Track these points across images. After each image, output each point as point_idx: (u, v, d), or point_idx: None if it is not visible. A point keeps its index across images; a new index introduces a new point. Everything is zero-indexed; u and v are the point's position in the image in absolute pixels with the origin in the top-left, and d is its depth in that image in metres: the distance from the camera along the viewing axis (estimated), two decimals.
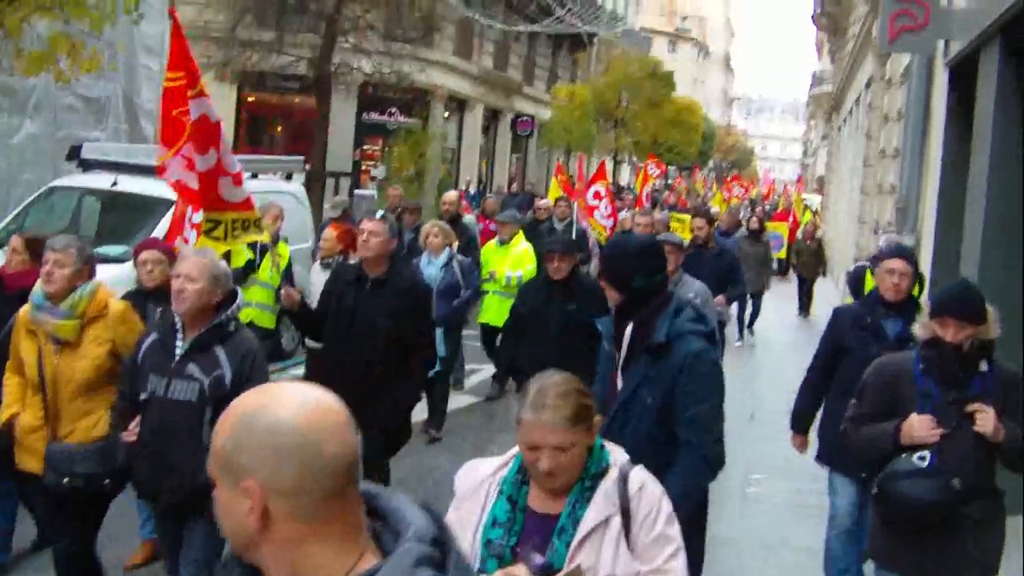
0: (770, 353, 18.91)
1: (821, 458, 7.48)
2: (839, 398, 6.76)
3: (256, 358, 5.75)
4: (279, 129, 35.89)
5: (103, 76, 15.80)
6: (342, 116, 29.66)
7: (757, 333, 20.15)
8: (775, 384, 15.11)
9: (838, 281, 26.64)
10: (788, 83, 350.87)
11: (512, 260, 13.12)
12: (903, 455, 5.26)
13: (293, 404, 2.09)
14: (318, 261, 11.60)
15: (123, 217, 13.10)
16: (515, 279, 12.65)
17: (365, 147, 35.23)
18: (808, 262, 24.06)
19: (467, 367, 14.06)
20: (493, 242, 13.80)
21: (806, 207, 37.77)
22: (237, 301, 5.85)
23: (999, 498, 5.40)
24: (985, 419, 5.11)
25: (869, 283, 10.64)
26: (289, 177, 16.03)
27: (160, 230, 11.97)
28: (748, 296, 18.45)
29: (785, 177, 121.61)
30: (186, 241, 8.11)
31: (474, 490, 3.82)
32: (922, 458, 5.20)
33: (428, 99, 34.98)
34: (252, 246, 10.87)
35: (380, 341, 7.38)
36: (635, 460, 4.59)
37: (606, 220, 17.58)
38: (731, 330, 18.12)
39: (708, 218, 13.33)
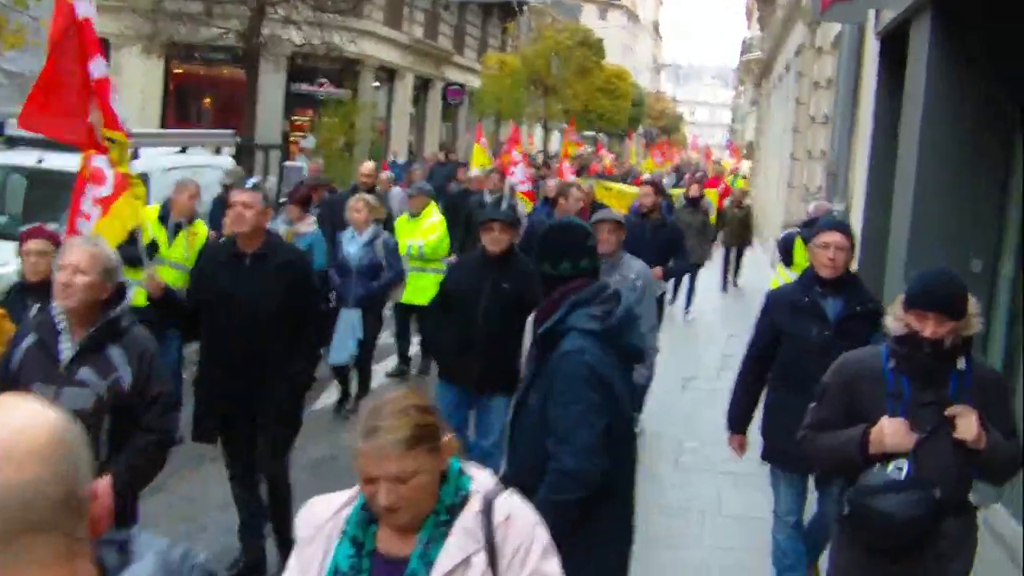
0: (701, 322, 18.89)
1: (767, 457, 6.90)
2: (780, 389, 6.63)
3: (155, 356, 5.25)
4: (207, 102, 35.49)
5: (27, 50, 15.51)
6: (271, 87, 29.41)
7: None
8: (707, 352, 15.27)
9: (767, 245, 26.90)
10: (717, 50, 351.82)
11: (421, 233, 12.63)
12: (876, 466, 4.65)
13: None
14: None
15: (50, 195, 12.88)
16: (415, 248, 12.29)
17: (295, 118, 34.99)
18: (735, 230, 22.72)
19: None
20: (404, 215, 13.31)
21: (738, 174, 37.88)
22: (128, 295, 5.32)
23: (974, 515, 4.97)
24: (967, 424, 4.55)
25: (799, 249, 10.79)
26: (219, 151, 15.86)
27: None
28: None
29: (714, 143, 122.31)
30: (87, 218, 6.95)
31: (315, 533, 3.20)
32: (899, 468, 4.60)
33: (358, 69, 34.75)
34: (164, 223, 10.35)
35: (267, 322, 6.77)
36: (524, 470, 4.59)
37: (521, 186, 16.94)
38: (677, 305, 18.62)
39: (656, 186, 12.70)
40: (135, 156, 12.74)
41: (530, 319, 4.91)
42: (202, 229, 10.66)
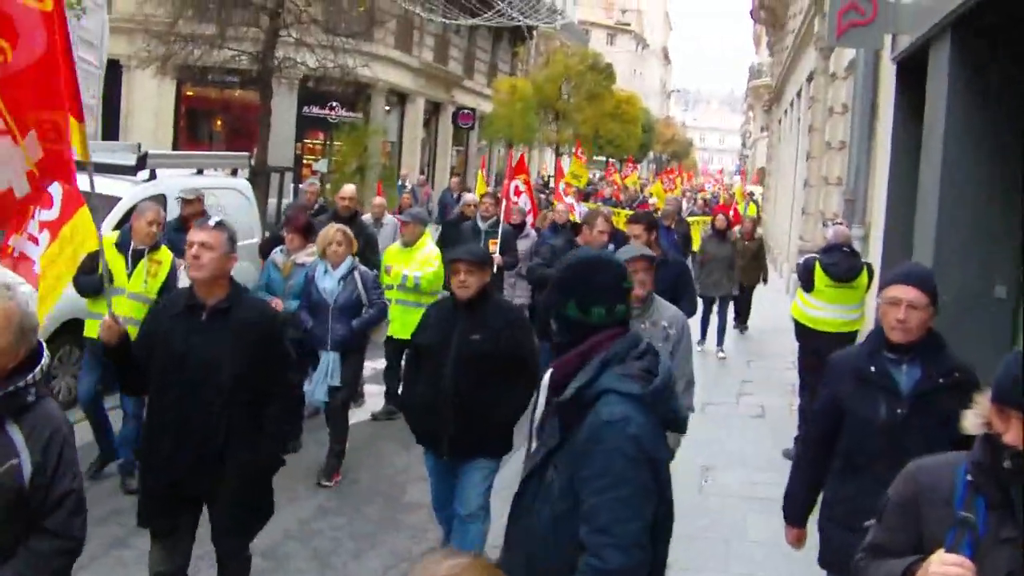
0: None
1: (824, 564, 5.71)
2: (842, 478, 5.43)
3: (66, 440, 4.09)
4: (219, 123, 35.58)
5: None
6: (283, 110, 29.45)
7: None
8: (724, 377, 15.21)
9: (781, 270, 26.84)
10: (726, 75, 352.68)
11: (417, 265, 11.56)
12: None
13: None
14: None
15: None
16: (412, 279, 11.35)
17: (306, 141, 35.04)
18: (747, 266, 18.97)
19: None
20: (396, 244, 12.21)
21: (751, 199, 37.30)
22: (41, 362, 4.12)
23: None
24: None
25: (819, 274, 10.74)
26: (235, 172, 15.86)
27: (106, 227, 11.83)
28: (715, 300, 17.37)
29: (723, 168, 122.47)
30: (35, 242, 5.72)
31: None
32: None
33: (369, 93, 34.82)
34: (124, 250, 9.22)
35: (225, 389, 5.75)
36: (543, 567, 3.79)
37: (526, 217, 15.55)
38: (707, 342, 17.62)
39: (648, 222, 9.93)
40: (152, 177, 12.87)
41: (546, 377, 3.98)
42: (166, 257, 9.39)
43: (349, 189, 13.78)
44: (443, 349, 7.02)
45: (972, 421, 3.43)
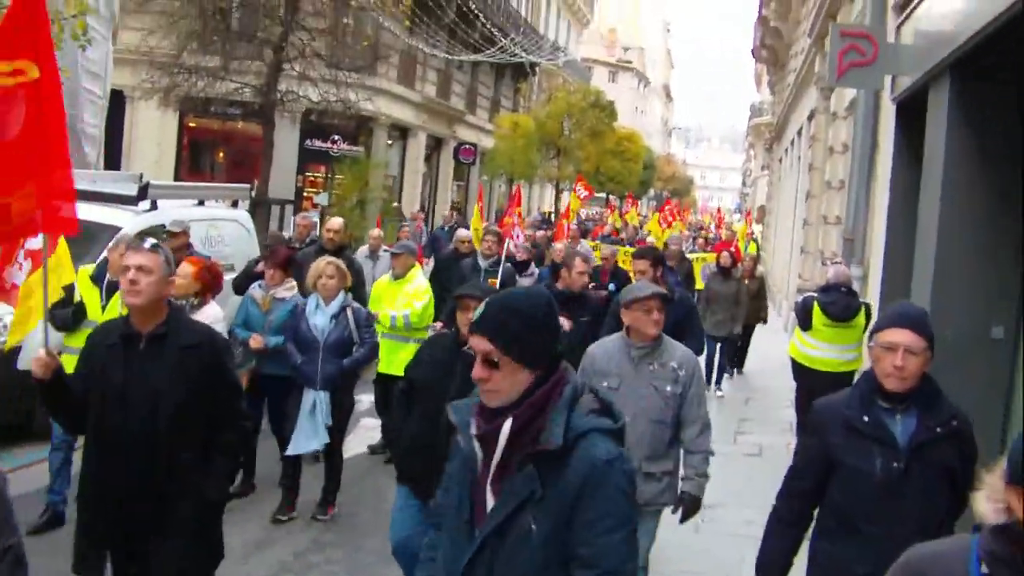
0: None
1: None
2: (830, 537, 5.02)
3: (3, 493, 3.85)
4: (221, 155, 35.66)
5: None
6: (285, 143, 29.54)
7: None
8: (721, 414, 15.18)
9: (780, 309, 26.84)
10: (727, 113, 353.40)
11: (406, 299, 11.35)
12: None
13: None
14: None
15: (68, 243, 12.91)
16: (401, 319, 11.13)
17: (308, 174, 35.11)
18: (747, 306, 18.37)
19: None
20: (386, 276, 12.02)
21: (752, 239, 37.08)
22: None
23: None
24: None
25: (817, 314, 10.75)
26: (235, 204, 15.90)
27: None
28: (719, 341, 16.93)
29: (724, 206, 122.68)
30: (20, 267, 6.42)
31: None
32: None
33: (371, 127, 34.91)
34: (99, 282, 9.17)
35: (168, 420, 5.37)
36: None
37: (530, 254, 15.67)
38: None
39: (654, 258, 9.53)
40: (153, 207, 12.90)
41: (505, 427, 3.46)
42: None
43: (336, 222, 13.44)
44: (443, 387, 6.33)
45: (988, 507, 3.12)
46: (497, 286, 12.34)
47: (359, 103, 26.90)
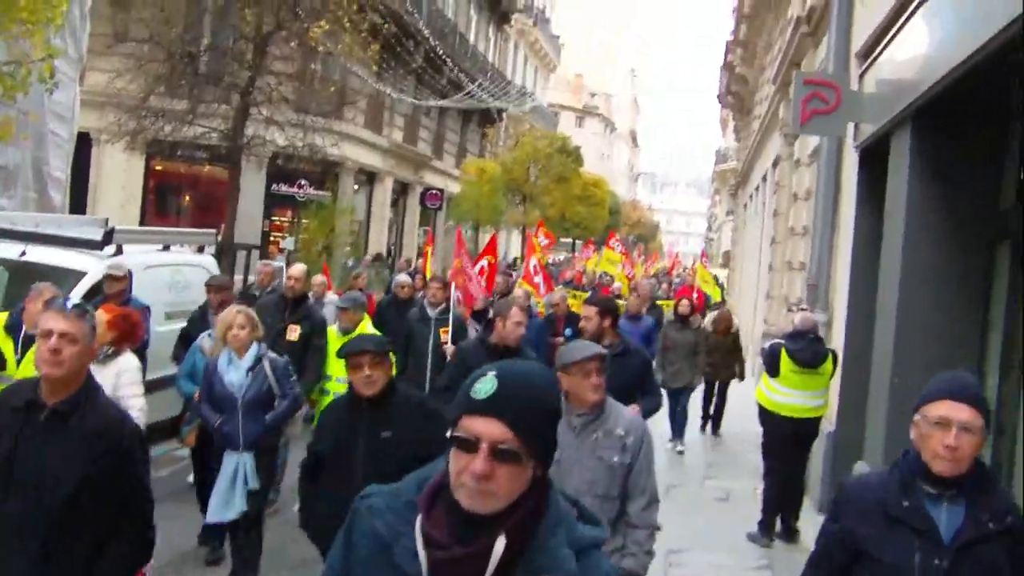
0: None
1: None
2: None
3: None
4: (187, 199, 35.57)
5: (11, 143, 15.55)
6: (252, 187, 29.50)
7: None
8: (690, 460, 15.19)
9: (746, 353, 26.88)
10: (693, 159, 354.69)
11: None
12: None
13: None
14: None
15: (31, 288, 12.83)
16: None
17: (274, 218, 35.07)
18: (721, 362, 17.46)
19: None
20: (333, 329, 11.62)
21: (717, 283, 36.81)
22: None
23: None
24: None
25: (785, 361, 10.79)
26: (201, 249, 15.85)
27: (70, 302, 11.74)
28: (671, 393, 15.65)
29: (689, 251, 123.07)
30: None
31: None
32: None
33: (337, 172, 34.93)
34: (14, 333, 8.72)
35: (49, 508, 4.50)
36: None
37: (479, 294, 14.60)
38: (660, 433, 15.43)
39: (603, 307, 8.58)
40: (118, 252, 12.85)
41: (498, 546, 2.61)
42: None
43: (298, 269, 12.58)
44: (347, 453, 6.25)
45: None
46: (449, 336, 12.11)
47: (326, 148, 26.94)
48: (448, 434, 2.70)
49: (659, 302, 21.76)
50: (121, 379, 7.99)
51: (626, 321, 14.97)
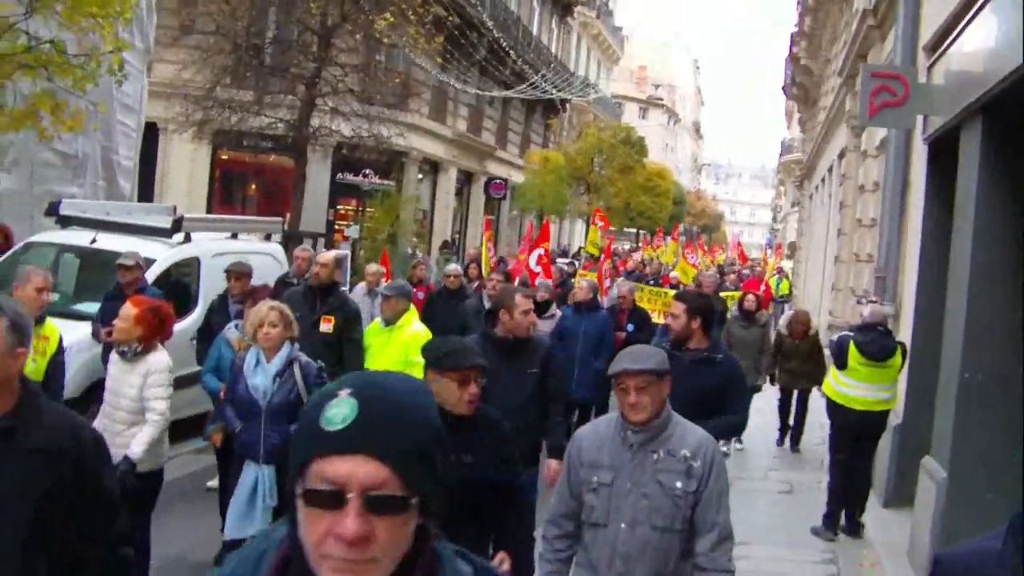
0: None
1: None
2: None
3: None
4: (252, 188, 35.86)
5: (81, 133, 15.75)
6: (317, 176, 29.72)
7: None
8: (754, 452, 15.08)
9: None
10: (757, 150, 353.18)
11: (401, 348, 9.79)
12: None
13: None
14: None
15: (102, 274, 13.02)
16: None
17: (339, 207, 35.24)
18: (796, 370, 15.26)
19: None
20: (376, 322, 10.66)
21: (782, 275, 36.31)
22: None
23: None
24: None
25: (853, 353, 10.69)
26: (268, 237, 16.00)
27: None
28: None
29: (753, 242, 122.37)
30: None
31: None
32: None
33: (402, 161, 35.07)
34: None
35: (12, 542, 3.76)
36: None
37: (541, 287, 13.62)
38: None
39: (692, 307, 7.59)
40: (187, 240, 13.00)
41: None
42: (53, 333, 8.09)
43: (326, 256, 11.68)
44: None
45: None
46: None
47: (391, 138, 27.05)
48: (295, 487, 1.91)
49: (723, 294, 20.22)
50: (148, 379, 7.50)
51: None
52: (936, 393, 9.44)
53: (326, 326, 10.59)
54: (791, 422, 15.67)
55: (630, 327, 13.79)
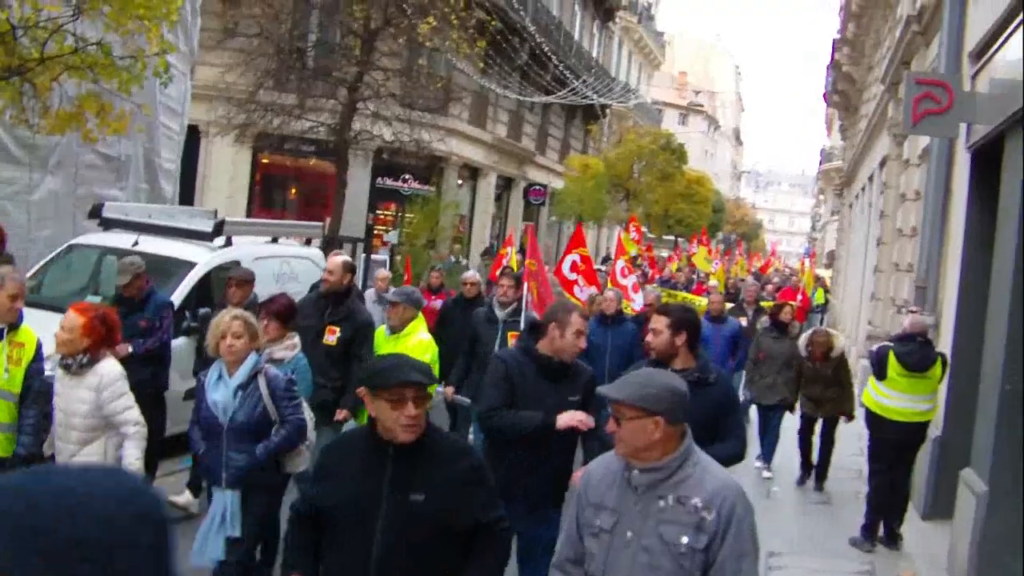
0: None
1: None
2: None
3: None
4: (293, 191, 36.04)
5: (125, 135, 15.88)
6: (357, 181, 29.80)
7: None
8: (791, 461, 15.00)
9: (849, 355, 26.56)
10: (797, 158, 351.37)
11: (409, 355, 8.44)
12: None
13: None
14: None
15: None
16: None
17: (379, 212, 35.36)
18: (819, 396, 13.55)
19: None
20: (381, 329, 10.19)
21: (819, 285, 35.92)
22: None
23: None
24: None
25: (892, 364, 10.63)
26: (308, 242, 16.07)
27: (180, 292, 12.01)
28: (771, 410, 13.98)
29: (792, 251, 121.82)
30: None
31: None
32: None
33: (442, 166, 35.14)
34: None
35: None
36: None
37: (585, 296, 13.69)
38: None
39: (676, 319, 6.77)
40: (228, 243, 13.08)
41: None
42: (30, 339, 7.53)
43: (335, 262, 10.38)
44: (364, 514, 4.54)
45: None
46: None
47: (432, 143, 27.11)
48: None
49: (763, 303, 19.48)
50: (104, 393, 6.99)
51: (707, 323, 14.03)
52: (977, 405, 9.38)
53: (330, 337, 9.83)
54: (815, 457, 13.80)
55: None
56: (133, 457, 7.03)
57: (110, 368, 7.08)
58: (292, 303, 8.79)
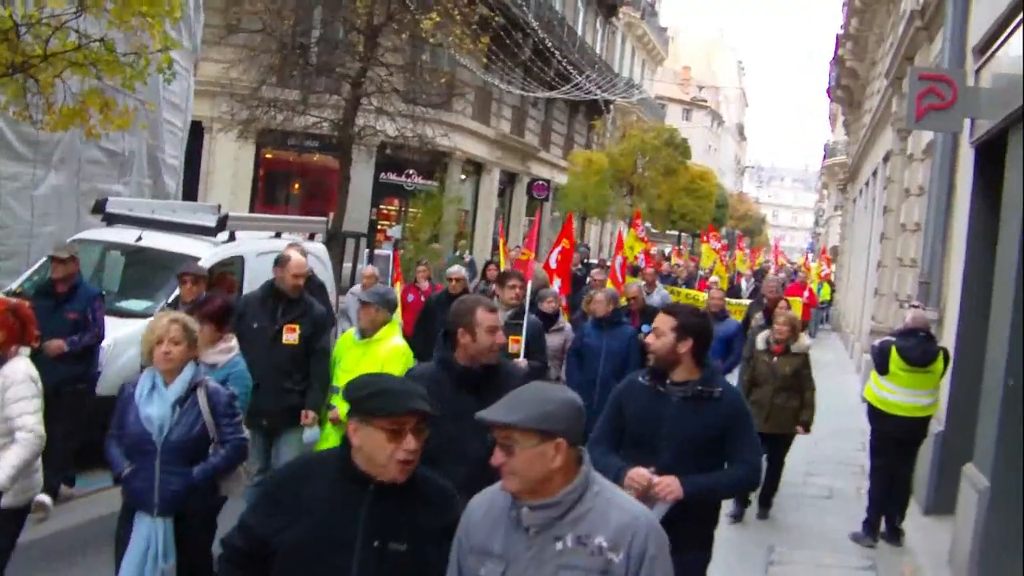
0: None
1: None
2: None
3: None
4: (296, 187, 36.05)
5: (128, 131, 15.89)
6: (360, 176, 29.79)
7: None
8: (792, 456, 15.01)
9: (852, 350, 26.55)
10: (800, 152, 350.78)
11: (374, 365, 8.01)
12: None
13: None
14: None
15: (147, 273, 13.12)
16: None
17: (382, 207, 35.35)
18: (766, 402, 11.41)
19: None
20: (350, 332, 9.14)
21: (826, 281, 35.63)
22: None
23: None
24: None
25: (894, 358, 10.62)
26: (312, 237, 16.06)
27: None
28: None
29: (795, 246, 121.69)
30: None
31: None
32: None
33: (445, 162, 35.13)
34: None
35: None
36: None
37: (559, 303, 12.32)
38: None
39: (681, 325, 5.68)
40: (231, 238, 13.08)
41: None
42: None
43: (299, 262, 9.44)
44: (335, 560, 3.80)
45: None
46: (522, 347, 9.80)
47: (435, 139, 27.11)
48: None
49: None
50: (8, 393, 6.18)
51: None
52: (979, 400, 9.38)
53: (291, 336, 9.10)
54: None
55: (646, 328, 11.54)
56: (8, 462, 6.05)
57: (17, 368, 6.27)
58: (228, 304, 8.03)
